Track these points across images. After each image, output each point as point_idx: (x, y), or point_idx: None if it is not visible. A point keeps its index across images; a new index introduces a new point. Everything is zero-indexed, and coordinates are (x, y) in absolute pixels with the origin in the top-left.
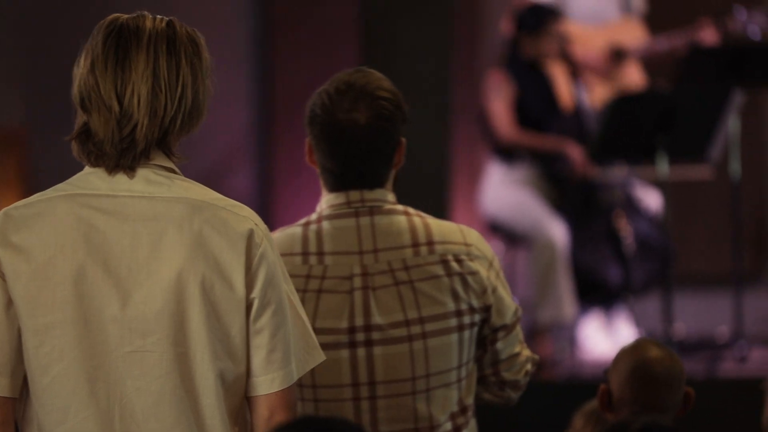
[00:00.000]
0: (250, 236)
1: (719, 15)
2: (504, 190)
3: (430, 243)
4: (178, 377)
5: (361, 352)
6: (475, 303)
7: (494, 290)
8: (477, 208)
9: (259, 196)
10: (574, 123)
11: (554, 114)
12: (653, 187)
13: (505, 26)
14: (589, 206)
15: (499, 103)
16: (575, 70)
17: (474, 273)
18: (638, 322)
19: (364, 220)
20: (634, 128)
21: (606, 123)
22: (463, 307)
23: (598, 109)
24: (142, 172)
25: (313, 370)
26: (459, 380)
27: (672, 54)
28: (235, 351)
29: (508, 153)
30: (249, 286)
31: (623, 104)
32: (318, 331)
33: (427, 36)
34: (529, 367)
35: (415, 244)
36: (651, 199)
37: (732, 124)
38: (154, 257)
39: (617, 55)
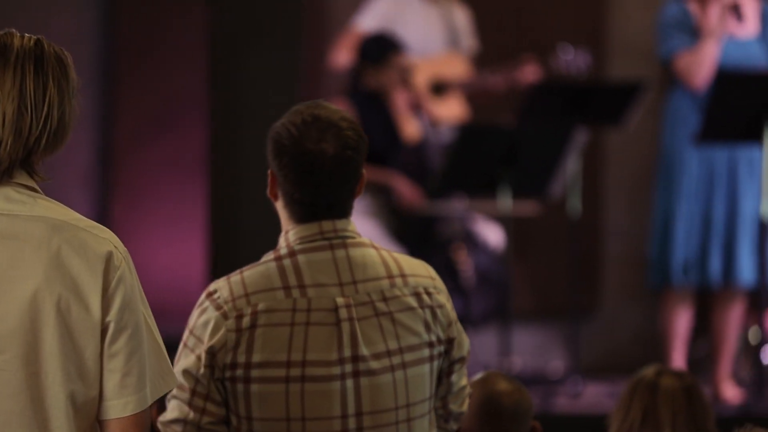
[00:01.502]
0: (108, 258)
1: (543, 53)
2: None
3: (403, 276)
4: (28, 397)
5: (349, 383)
6: (442, 335)
7: (456, 323)
8: None
9: (97, 220)
10: (416, 155)
11: (397, 145)
12: (493, 221)
13: (340, 57)
14: (429, 238)
15: None
16: (416, 101)
17: (441, 306)
18: (476, 355)
19: (340, 253)
20: (477, 162)
21: (451, 155)
22: (433, 338)
23: (441, 139)
24: (3, 191)
25: (303, 403)
26: (430, 411)
27: (493, 89)
28: (87, 373)
29: None
30: (105, 308)
31: (469, 136)
32: (309, 364)
33: (275, 64)
34: (468, 399)
35: (390, 276)
36: (491, 233)
37: (573, 162)
38: (11, 276)
39: (438, 88)
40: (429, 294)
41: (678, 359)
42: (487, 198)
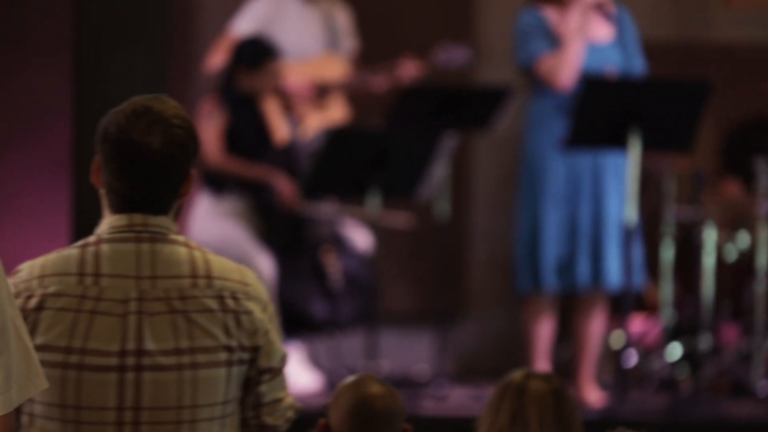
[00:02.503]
0: None
1: (423, 52)
2: (212, 222)
3: (209, 277)
4: None
5: (129, 376)
6: (246, 342)
7: (266, 333)
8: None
9: None
10: (286, 157)
11: (267, 147)
12: (362, 224)
13: (216, 59)
14: (298, 241)
15: (209, 129)
16: (289, 105)
17: (248, 312)
18: (343, 358)
19: (145, 247)
20: (346, 165)
21: (320, 158)
22: (234, 344)
23: (310, 142)
24: None
25: (79, 390)
26: (223, 416)
27: (375, 89)
28: None
29: (217, 184)
30: None
31: (336, 140)
32: (88, 353)
33: (142, 63)
34: (290, 414)
35: (194, 276)
36: (360, 237)
37: (442, 166)
38: None
39: (320, 89)
40: (235, 299)
41: (542, 363)
42: (356, 201)
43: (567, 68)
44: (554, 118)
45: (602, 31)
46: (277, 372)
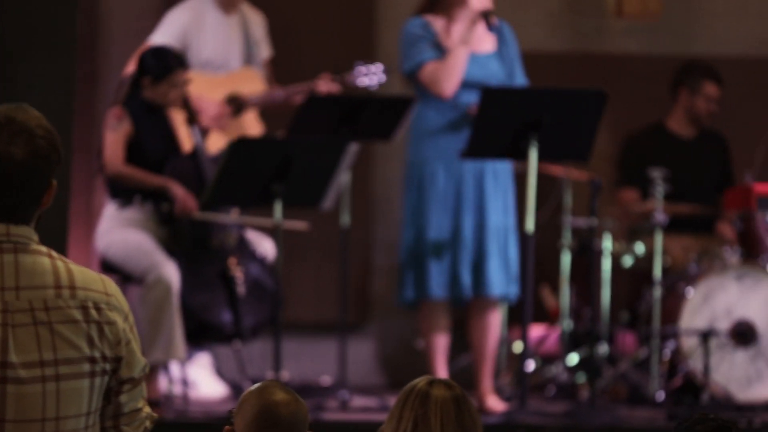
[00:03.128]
0: None
1: (339, 70)
2: (118, 230)
3: (73, 287)
4: None
5: None
6: (108, 353)
7: (128, 343)
8: (92, 247)
9: None
10: (192, 167)
11: (173, 157)
12: (266, 232)
13: (130, 67)
14: (203, 248)
15: (112, 136)
16: (193, 116)
17: (111, 323)
18: (247, 365)
19: (8, 257)
20: (250, 174)
21: (222, 167)
22: (97, 354)
23: (217, 155)
24: None
25: None
26: (86, 427)
27: (290, 105)
28: None
29: (121, 192)
30: None
31: (241, 150)
32: None
33: (50, 73)
34: (147, 424)
35: (58, 287)
36: (265, 245)
37: (344, 174)
38: None
39: (236, 104)
40: (99, 309)
41: (441, 371)
42: (260, 210)
43: (450, 76)
44: (437, 126)
45: (485, 43)
46: (137, 382)
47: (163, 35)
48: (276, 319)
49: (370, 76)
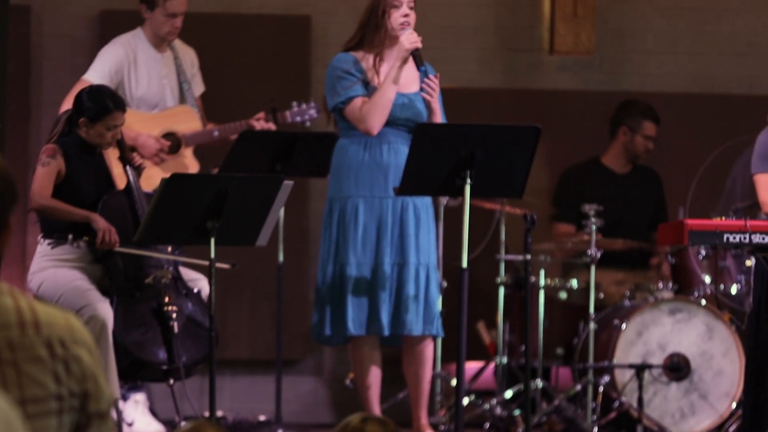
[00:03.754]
0: None
1: (274, 109)
2: (50, 268)
3: (37, 325)
4: None
5: None
6: (75, 388)
7: (94, 377)
8: (25, 286)
9: None
10: (126, 204)
11: (107, 193)
12: (201, 269)
13: (65, 105)
14: (136, 286)
15: (42, 170)
16: (126, 154)
17: (77, 358)
18: (182, 403)
19: None
20: (184, 211)
21: (156, 204)
22: (64, 392)
23: (151, 192)
24: None
25: None
26: None
27: (227, 142)
28: None
29: (55, 231)
30: None
31: (174, 187)
32: None
33: None
34: None
35: (22, 325)
36: (200, 281)
37: (279, 212)
38: None
39: (172, 142)
40: (64, 345)
41: (375, 407)
42: (196, 246)
43: (378, 114)
44: (358, 161)
45: (410, 81)
46: (105, 416)
47: (97, 72)
48: (211, 356)
49: (303, 113)
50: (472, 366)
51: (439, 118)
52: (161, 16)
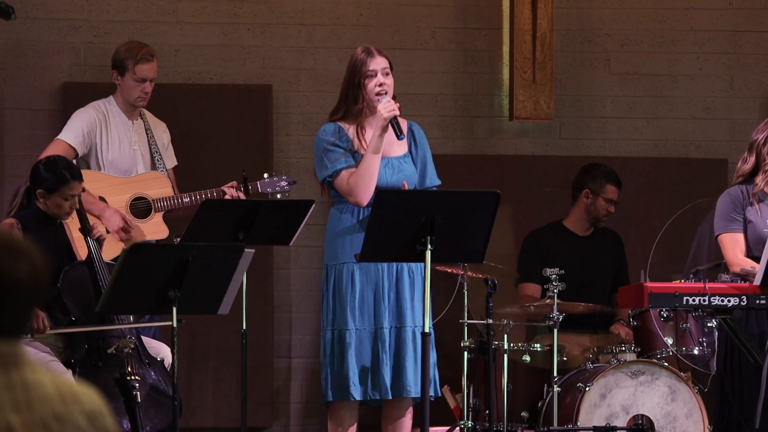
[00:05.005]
0: None
1: (245, 177)
2: None
3: (74, 396)
4: None
5: None
6: None
7: None
8: None
9: None
10: (87, 275)
11: (67, 266)
12: (163, 337)
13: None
14: (99, 356)
15: None
16: (86, 225)
17: (105, 429)
18: None
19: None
20: (145, 281)
21: (117, 274)
22: None
23: (113, 261)
24: None
25: None
26: None
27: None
28: None
29: None
30: None
31: (135, 256)
32: None
33: None
34: None
35: (62, 398)
36: (162, 350)
37: (241, 280)
38: None
39: (142, 206)
40: (98, 416)
41: None
42: (158, 314)
43: (365, 186)
44: (352, 228)
45: (397, 145)
46: None
47: (71, 132)
48: (175, 424)
49: (274, 185)
50: (437, 431)
51: None
52: (131, 81)
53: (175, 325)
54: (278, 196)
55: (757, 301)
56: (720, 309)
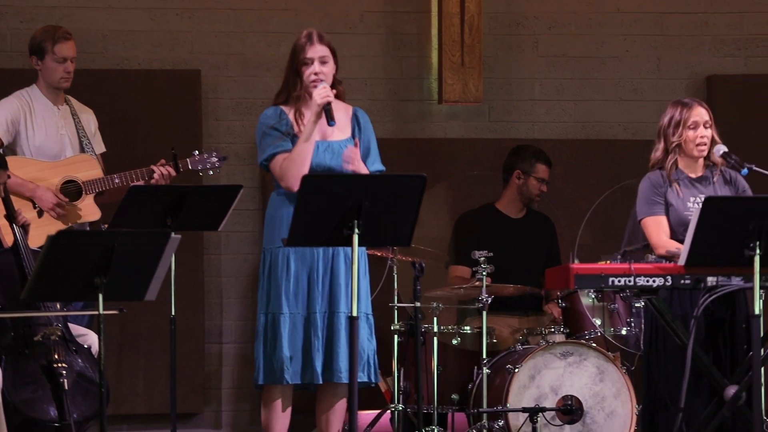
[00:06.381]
0: None
1: (175, 154)
2: None
3: None
4: None
5: None
6: None
7: None
8: None
9: None
10: (13, 262)
11: None
12: (91, 325)
13: None
14: (25, 344)
15: None
16: (12, 212)
17: None
18: None
19: None
20: (71, 268)
21: (42, 261)
22: None
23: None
24: None
25: None
26: None
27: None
28: None
29: None
30: None
31: (61, 243)
32: None
33: None
34: None
35: None
36: (90, 336)
37: (168, 266)
38: None
39: (73, 189)
40: None
41: None
42: (83, 301)
43: (296, 171)
44: (289, 213)
45: (339, 130)
46: None
47: None
48: (102, 411)
49: (205, 162)
50: (369, 414)
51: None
52: (52, 63)
53: (101, 311)
54: (210, 172)
55: (682, 281)
56: (645, 289)
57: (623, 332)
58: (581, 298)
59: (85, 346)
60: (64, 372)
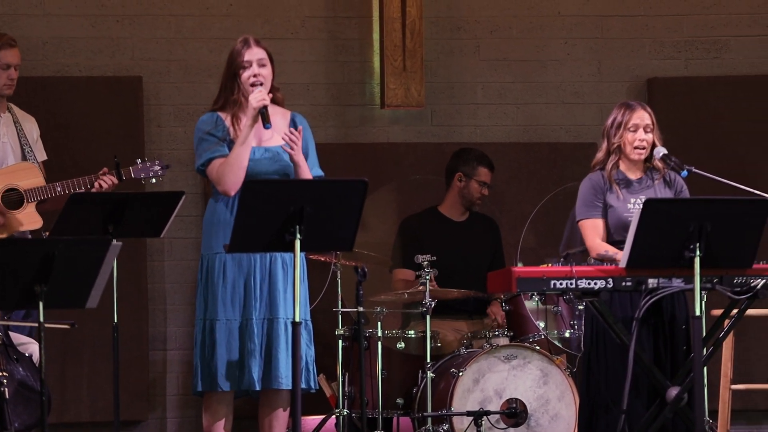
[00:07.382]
0: None
1: (117, 163)
2: None
3: None
4: None
5: None
6: None
7: None
8: None
9: None
10: None
11: None
12: (31, 333)
13: None
14: None
15: None
16: None
17: None
18: None
19: None
20: (11, 275)
21: None
22: None
23: None
24: None
25: None
26: None
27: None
28: None
29: None
30: None
31: (1, 251)
32: None
33: None
34: None
35: None
36: (31, 345)
37: (109, 273)
38: None
39: (14, 197)
40: None
41: None
42: (23, 309)
43: (232, 175)
44: (227, 218)
45: (278, 135)
46: None
47: None
48: (43, 420)
49: (148, 170)
50: (313, 420)
51: (305, 171)
52: None
53: (42, 319)
54: (153, 180)
55: (623, 283)
56: (587, 291)
57: (566, 335)
58: (524, 301)
59: (27, 355)
60: (5, 381)
